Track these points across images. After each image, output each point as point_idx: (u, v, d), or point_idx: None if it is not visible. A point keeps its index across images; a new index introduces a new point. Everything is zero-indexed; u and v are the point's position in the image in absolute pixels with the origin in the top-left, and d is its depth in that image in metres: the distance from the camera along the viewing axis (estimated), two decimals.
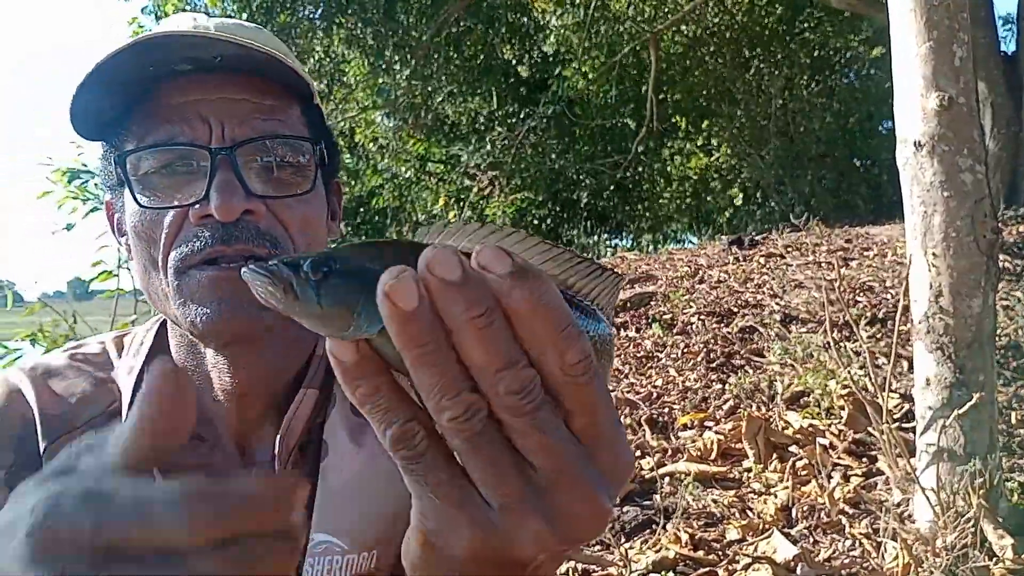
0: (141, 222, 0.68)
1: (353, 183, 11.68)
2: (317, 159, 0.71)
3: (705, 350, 4.37)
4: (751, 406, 3.64)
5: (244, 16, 9.07)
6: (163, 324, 0.80)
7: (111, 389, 0.75)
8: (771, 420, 3.44)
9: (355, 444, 0.73)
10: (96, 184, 2.45)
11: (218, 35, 0.65)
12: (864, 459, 3.11)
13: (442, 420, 0.31)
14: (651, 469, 3.08)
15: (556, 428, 0.32)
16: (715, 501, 2.83)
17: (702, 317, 4.89)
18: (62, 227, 2.45)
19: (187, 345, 0.75)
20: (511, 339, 0.31)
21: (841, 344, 4.08)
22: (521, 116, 10.16)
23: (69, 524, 0.30)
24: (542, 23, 10.33)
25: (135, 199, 0.67)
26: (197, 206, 0.65)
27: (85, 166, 2.43)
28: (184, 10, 9.80)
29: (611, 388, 3.93)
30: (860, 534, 2.57)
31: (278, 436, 0.72)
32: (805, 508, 2.75)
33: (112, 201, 0.76)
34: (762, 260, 6.20)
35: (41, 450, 0.69)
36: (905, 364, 3.65)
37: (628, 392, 3.90)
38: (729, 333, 4.62)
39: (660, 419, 3.60)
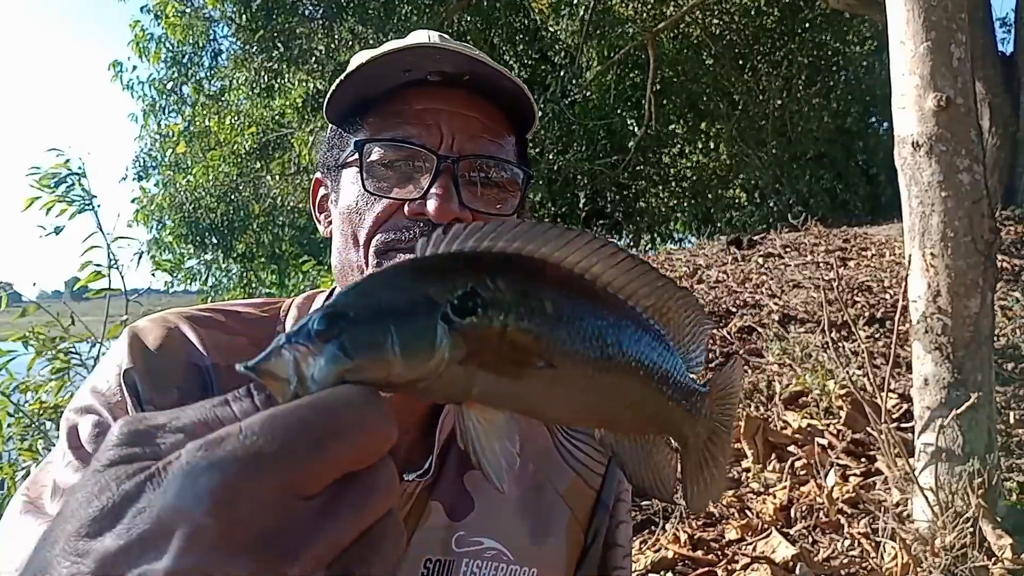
0: (356, 202, 0.73)
1: None
2: (522, 187, 0.77)
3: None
4: (750, 406, 3.64)
5: (244, 17, 9.07)
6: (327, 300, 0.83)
7: None
8: (770, 420, 3.43)
9: (515, 472, 0.76)
10: (82, 187, 2.44)
11: (473, 53, 0.71)
12: (863, 459, 3.11)
13: None
14: None
15: None
16: (714, 501, 2.83)
17: None
18: (50, 231, 2.44)
19: None
20: None
21: (839, 344, 4.08)
22: None
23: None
24: (541, 23, 10.34)
25: (362, 182, 0.72)
26: (415, 203, 0.70)
27: (69, 171, 2.42)
28: (186, 12, 9.80)
29: None
30: (859, 534, 2.57)
31: (437, 431, 0.75)
32: (804, 508, 2.75)
33: (324, 180, 0.83)
34: (760, 260, 6.20)
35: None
36: (904, 364, 3.66)
37: None
38: (728, 333, 4.62)
39: None
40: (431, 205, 0.69)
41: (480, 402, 0.35)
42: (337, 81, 0.74)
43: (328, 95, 0.76)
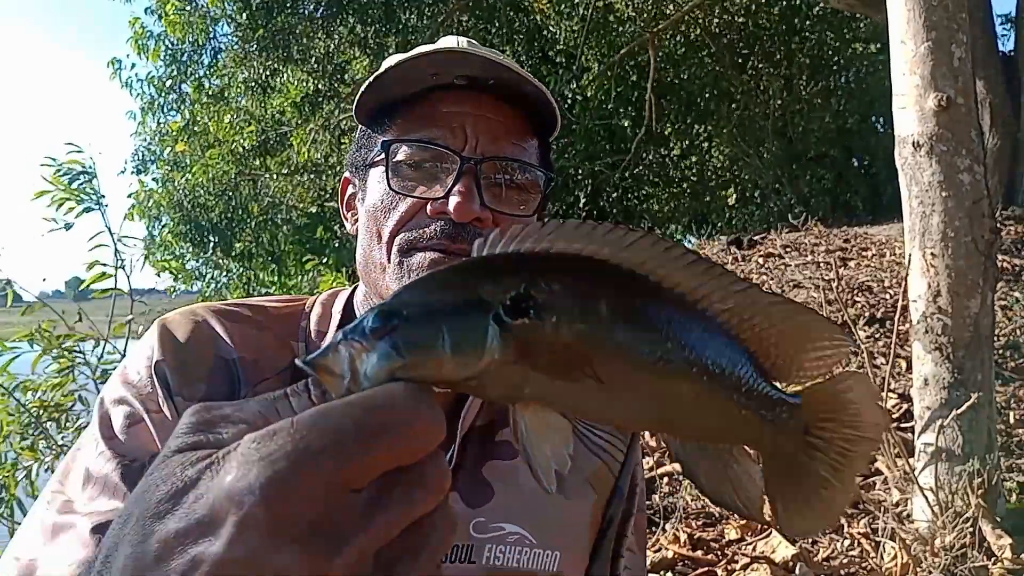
0: (382, 200, 0.76)
1: None
2: (543, 189, 0.79)
3: None
4: None
5: (244, 16, 9.07)
6: (350, 299, 0.85)
7: (293, 348, 0.79)
8: None
9: None
10: (92, 186, 2.45)
11: (497, 58, 0.74)
12: None
13: None
14: (650, 469, 3.08)
15: None
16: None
17: None
18: (60, 227, 2.44)
19: None
20: None
21: None
22: None
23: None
24: (541, 23, 10.34)
25: (388, 181, 0.75)
26: (438, 202, 0.72)
27: (83, 166, 2.43)
28: (186, 10, 9.79)
29: None
30: (859, 534, 2.57)
31: (459, 423, 0.77)
32: None
33: (352, 179, 0.85)
34: (761, 260, 6.20)
35: (242, 392, 0.73)
36: (904, 364, 3.66)
37: None
38: None
39: None
40: (452, 204, 0.71)
41: (533, 402, 0.35)
42: (366, 83, 0.76)
43: (357, 96, 0.78)
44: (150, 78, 11.35)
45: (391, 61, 0.76)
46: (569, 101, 10.06)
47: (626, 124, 10.78)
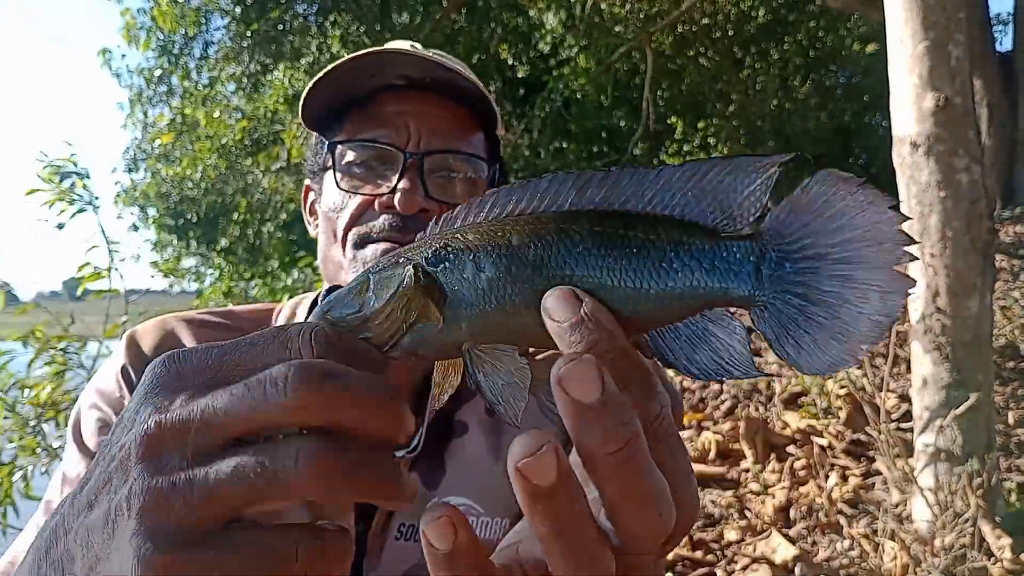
0: (334, 201, 0.80)
1: None
2: (488, 179, 0.83)
3: None
4: (749, 406, 3.64)
5: (238, 10, 9.05)
6: (315, 300, 0.87)
7: None
8: (769, 420, 3.43)
9: (491, 432, 0.81)
10: (84, 185, 2.44)
11: (432, 57, 0.77)
12: (862, 459, 3.11)
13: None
14: None
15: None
16: (713, 502, 2.83)
17: None
18: (53, 226, 2.43)
19: None
20: (652, 470, 0.29)
21: None
22: (517, 116, 10.16)
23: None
24: (537, 23, 10.34)
25: (336, 181, 0.79)
26: (384, 197, 0.76)
27: (76, 165, 2.41)
28: (178, 2, 9.75)
29: None
30: (858, 534, 2.56)
31: (427, 410, 0.77)
32: (803, 508, 2.75)
33: (312, 185, 0.89)
34: None
35: None
36: (903, 364, 3.66)
37: None
38: None
39: None
40: (398, 198, 0.75)
41: (476, 342, 0.37)
42: (307, 88, 0.80)
43: (301, 101, 0.82)
44: (140, 69, 11.33)
45: (330, 65, 0.80)
46: (565, 101, 10.05)
47: (623, 124, 10.79)
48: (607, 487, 0.29)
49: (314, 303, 0.87)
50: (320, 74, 0.78)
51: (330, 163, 0.80)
